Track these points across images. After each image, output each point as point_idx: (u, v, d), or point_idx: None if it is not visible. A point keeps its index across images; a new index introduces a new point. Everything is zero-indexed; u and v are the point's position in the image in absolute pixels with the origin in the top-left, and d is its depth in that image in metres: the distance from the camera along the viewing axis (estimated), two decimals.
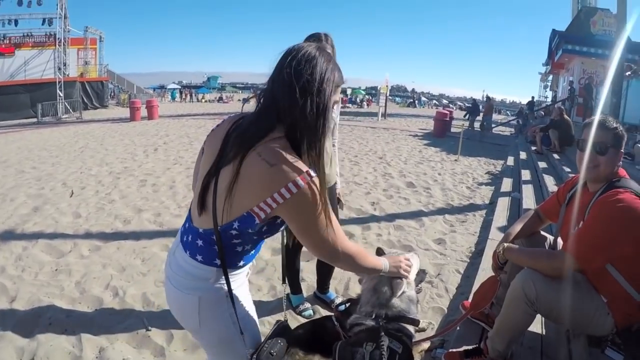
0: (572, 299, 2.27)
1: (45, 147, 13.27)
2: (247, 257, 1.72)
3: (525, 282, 2.34)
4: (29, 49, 29.52)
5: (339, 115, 3.54)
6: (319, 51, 1.55)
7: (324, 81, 1.50)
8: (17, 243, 5.17)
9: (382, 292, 2.26)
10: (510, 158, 12.12)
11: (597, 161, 2.35)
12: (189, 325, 1.76)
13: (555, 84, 33.19)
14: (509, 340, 2.54)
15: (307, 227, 1.54)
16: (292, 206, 1.47)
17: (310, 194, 1.46)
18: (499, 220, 5.92)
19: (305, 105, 1.46)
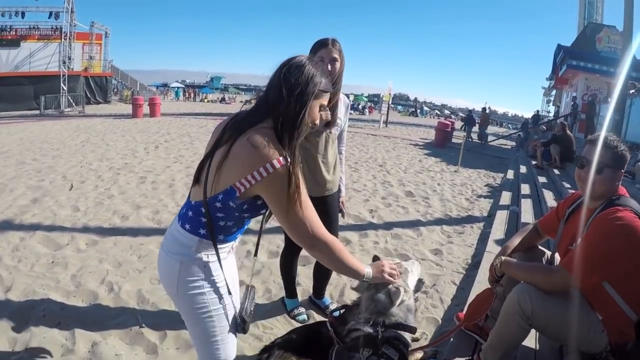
0: (568, 315, 2.27)
1: (46, 140, 13.27)
2: (229, 235, 1.90)
3: (522, 296, 2.34)
4: (34, 41, 29.59)
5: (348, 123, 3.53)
6: (309, 61, 1.82)
7: (308, 85, 1.75)
8: (14, 234, 5.17)
9: (380, 301, 2.26)
10: (510, 171, 12.13)
11: (593, 179, 2.36)
12: (169, 290, 1.94)
13: (559, 99, 33.29)
14: (502, 354, 2.53)
15: (281, 206, 1.74)
16: (268, 184, 1.70)
17: (284, 176, 1.69)
18: (496, 233, 5.91)
19: (289, 103, 1.73)
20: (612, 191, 2.37)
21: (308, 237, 1.82)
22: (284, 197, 1.72)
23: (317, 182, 3.23)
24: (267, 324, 3.57)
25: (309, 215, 1.80)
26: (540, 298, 2.30)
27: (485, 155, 16.56)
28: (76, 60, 30.58)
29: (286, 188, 1.70)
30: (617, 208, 2.24)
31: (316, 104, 1.82)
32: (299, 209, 1.75)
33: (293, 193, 1.71)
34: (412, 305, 2.36)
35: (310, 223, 1.81)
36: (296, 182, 1.71)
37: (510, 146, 22.54)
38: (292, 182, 1.70)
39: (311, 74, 1.77)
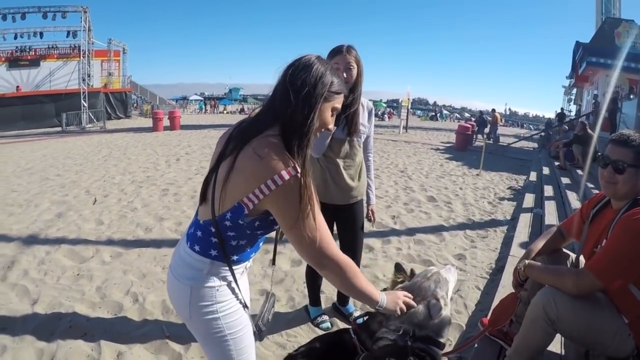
0: (594, 320, 2.23)
1: (69, 156, 13.49)
2: (242, 253, 1.78)
3: (547, 301, 2.30)
4: (54, 60, 30.16)
5: (374, 127, 3.49)
6: (318, 60, 1.69)
7: (316, 86, 1.62)
8: (40, 247, 5.25)
9: (416, 312, 2.24)
10: (533, 173, 11.99)
11: (615, 179, 2.31)
12: (182, 315, 1.82)
13: (580, 98, 32.85)
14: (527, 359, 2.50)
15: (289, 220, 1.60)
16: (276, 198, 1.57)
17: (293, 188, 1.55)
18: (520, 236, 5.83)
19: (296, 106, 1.60)
20: (637, 190, 2.32)
21: (318, 255, 1.68)
22: (293, 211, 1.59)
23: (341, 189, 3.21)
24: (290, 332, 3.56)
25: (321, 232, 1.65)
26: (566, 302, 2.26)
27: (507, 157, 16.40)
28: (95, 77, 31.06)
29: (297, 201, 1.57)
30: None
31: (327, 106, 1.71)
32: (309, 224, 1.61)
33: (305, 207, 1.58)
34: (448, 318, 2.33)
35: (321, 240, 1.65)
36: (308, 194, 1.59)
37: (532, 147, 22.31)
38: (304, 194, 1.57)
39: (320, 74, 1.64)
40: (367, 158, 3.47)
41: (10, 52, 29.48)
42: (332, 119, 1.78)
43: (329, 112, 1.73)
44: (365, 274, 4.58)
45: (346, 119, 3.09)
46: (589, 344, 2.43)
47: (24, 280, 4.35)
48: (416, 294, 2.29)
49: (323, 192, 3.20)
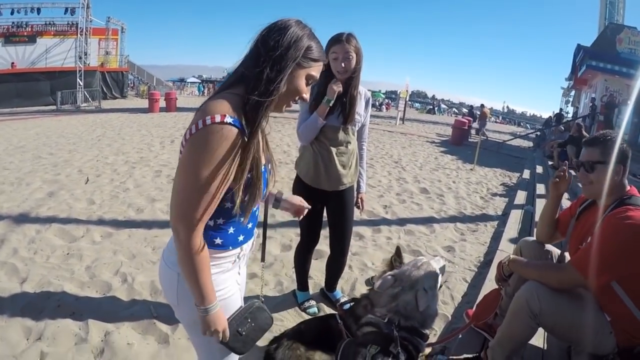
0: (576, 316, 2.27)
1: (63, 134, 13.44)
2: (224, 235, 1.67)
3: (530, 295, 2.33)
4: (50, 37, 29.83)
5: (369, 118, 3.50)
6: (296, 24, 1.56)
7: (289, 48, 1.50)
8: (30, 226, 5.24)
9: (403, 301, 2.26)
10: (527, 171, 12.02)
11: (589, 179, 2.41)
12: (170, 301, 1.76)
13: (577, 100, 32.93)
14: (510, 352, 2.53)
15: (182, 168, 1.46)
16: (190, 143, 1.44)
17: (213, 134, 1.40)
18: (510, 232, 5.88)
19: (265, 67, 1.48)
20: (619, 188, 2.36)
21: (176, 214, 1.47)
22: (192, 159, 1.43)
23: (329, 176, 3.21)
24: (277, 316, 3.58)
25: (203, 197, 1.43)
26: (549, 297, 2.29)
27: (502, 154, 16.42)
28: (92, 56, 30.78)
29: (204, 148, 1.40)
30: (628, 207, 2.24)
31: (301, 73, 1.57)
32: (195, 183, 1.42)
33: (209, 161, 1.40)
34: (434, 311, 2.37)
35: (192, 210, 1.44)
36: (225, 150, 1.40)
37: (527, 146, 22.37)
38: (220, 146, 1.39)
39: (295, 37, 1.52)
40: (360, 147, 3.46)
41: (6, 27, 29.13)
42: (308, 88, 1.65)
43: (303, 79, 1.60)
44: (355, 262, 4.64)
45: (342, 106, 3.08)
46: (570, 340, 2.47)
47: (13, 259, 4.35)
48: (405, 282, 2.32)
49: (313, 177, 3.22)
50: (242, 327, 1.72)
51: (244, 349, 1.74)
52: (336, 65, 2.93)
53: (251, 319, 1.76)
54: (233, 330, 1.68)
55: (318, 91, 3.06)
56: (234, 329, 1.68)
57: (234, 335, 1.68)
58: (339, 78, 2.99)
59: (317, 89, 3.06)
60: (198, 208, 1.44)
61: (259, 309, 1.82)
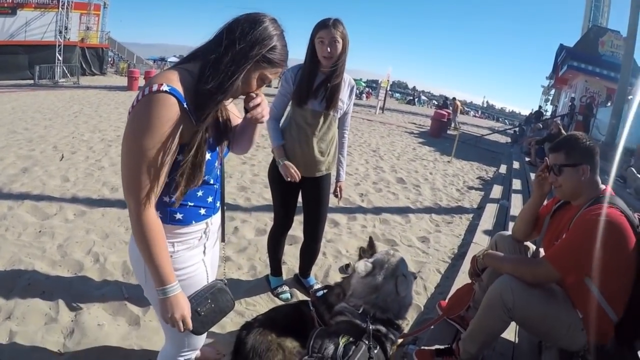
0: (549, 311, 2.30)
1: (39, 110, 13.17)
2: (185, 210, 1.68)
3: (504, 289, 2.35)
4: (31, 10, 29.12)
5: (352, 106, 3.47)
6: (270, 22, 1.55)
7: (255, 45, 1.49)
8: (2, 202, 5.15)
9: (383, 291, 2.27)
10: (503, 166, 12.16)
11: (558, 182, 2.47)
12: (138, 279, 1.76)
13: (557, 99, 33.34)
14: (481, 344, 2.56)
15: (124, 141, 1.45)
16: (132, 114, 1.45)
17: (150, 103, 1.40)
18: (484, 225, 5.95)
19: (223, 56, 1.47)
20: (593, 188, 2.42)
21: (125, 188, 1.48)
22: (135, 127, 1.42)
23: (307, 161, 3.21)
24: (250, 301, 3.59)
25: (146, 167, 1.42)
26: (523, 291, 2.32)
27: (480, 148, 16.57)
28: (73, 31, 30.18)
29: (144, 116, 1.39)
30: (601, 205, 2.27)
31: (256, 72, 1.56)
32: (141, 151, 1.40)
33: (149, 129, 1.39)
34: (410, 300, 2.39)
35: (138, 175, 1.44)
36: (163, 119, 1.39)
37: (505, 141, 22.59)
38: (158, 113, 1.39)
39: (264, 35, 1.50)
40: (342, 134, 3.46)
41: None
42: (257, 87, 1.64)
43: (256, 78, 1.59)
44: (329, 249, 4.65)
45: (326, 91, 3.07)
46: (542, 335, 2.51)
47: None
48: (385, 269, 2.33)
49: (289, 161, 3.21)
50: (202, 307, 1.71)
51: (201, 330, 1.73)
52: (322, 50, 2.92)
53: (212, 299, 1.75)
54: (193, 309, 1.66)
55: (302, 77, 3.07)
56: (194, 308, 1.67)
57: (193, 314, 1.66)
58: (323, 63, 2.98)
59: (301, 75, 3.07)
60: (143, 179, 1.44)
61: (221, 290, 1.81)
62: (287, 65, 1.69)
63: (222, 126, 1.73)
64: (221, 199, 1.87)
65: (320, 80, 3.07)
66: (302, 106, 3.09)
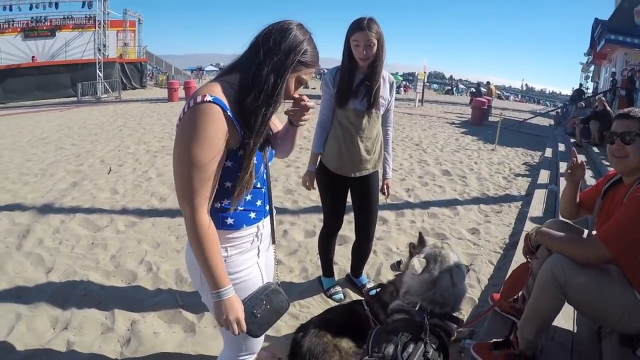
0: (603, 290, 2.21)
1: (84, 125, 13.54)
2: (236, 215, 1.71)
3: (555, 266, 2.29)
4: (69, 30, 30.03)
5: (394, 101, 3.44)
6: (297, 28, 1.61)
7: (290, 53, 1.56)
8: (55, 216, 5.30)
9: (441, 286, 2.23)
10: (549, 150, 11.84)
11: (625, 151, 2.30)
12: (195, 285, 1.81)
13: (597, 75, 32.33)
14: (537, 328, 2.47)
15: (175, 151, 1.52)
16: (179, 126, 1.52)
17: (196, 114, 1.47)
18: (534, 212, 5.79)
19: (262, 67, 1.54)
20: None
21: (180, 195, 1.54)
22: (185, 136, 1.48)
23: (354, 161, 3.20)
24: (303, 303, 3.58)
25: (198, 174, 1.48)
26: (574, 268, 2.24)
27: (523, 133, 16.20)
28: (111, 47, 30.94)
29: (193, 126, 1.46)
30: None
31: (292, 77, 1.62)
32: (191, 158, 1.46)
33: (198, 138, 1.45)
34: (464, 290, 2.34)
35: (191, 182, 1.49)
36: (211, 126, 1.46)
37: (548, 124, 22.06)
38: (204, 122, 1.46)
39: (296, 41, 1.58)
40: (386, 132, 3.42)
41: (26, 22, 29.40)
42: (295, 90, 1.70)
43: (293, 82, 1.65)
44: (379, 246, 4.60)
45: (366, 90, 3.05)
46: (598, 317, 2.41)
47: (38, 249, 4.40)
48: (439, 263, 2.29)
49: (336, 163, 3.22)
50: (258, 309, 1.73)
51: (259, 332, 1.75)
52: (358, 53, 2.91)
53: (266, 301, 1.76)
54: (249, 311, 1.69)
55: (341, 78, 3.06)
56: (250, 310, 1.70)
57: (249, 316, 1.69)
58: (360, 64, 2.98)
59: (341, 76, 3.07)
60: (196, 185, 1.49)
61: (275, 291, 1.82)
62: (320, 65, 1.71)
63: None
64: (269, 202, 1.86)
65: (359, 79, 3.06)
66: (344, 106, 3.09)
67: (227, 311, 1.61)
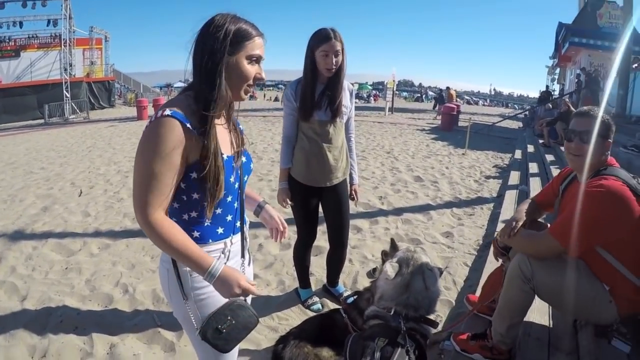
0: (570, 282, 2.28)
1: (53, 148, 13.35)
2: (202, 228, 1.69)
3: (522, 260, 2.39)
4: (34, 50, 29.60)
5: (354, 110, 3.51)
6: (218, 16, 1.60)
7: (218, 38, 1.55)
8: (27, 243, 5.22)
9: (414, 289, 2.25)
10: (518, 151, 12.07)
11: (582, 150, 2.38)
12: (166, 297, 1.80)
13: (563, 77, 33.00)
14: (509, 322, 2.54)
15: (135, 163, 1.54)
16: (140, 139, 1.54)
17: (154, 127, 1.49)
18: (506, 213, 5.89)
19: (202, 64, 1.56)
20: (601, 162, 2.39)
21: (134, 203, 1.54)
22: (143, 146, 1.51)
23: (324, 171, 3.24)
24: (282, 315, 3.59)
25: (152, 182, 1.49)
26: (540, 261, 2.34)
27: (493, 136, 16.48)
28: (78, 67, 30.56)
29: (150, 140, 1.49)
30: (603, 176, 2.27)
31: (239, 58, 1.59)
32: (148, 169, 1.48)
33: (154, 150, 1.47)
34: (438, 292, 2.36)
35: (144, 190, 1.50)
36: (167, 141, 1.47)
37: (517, 126, 22.43)
38: (162, 136, 1.47)
39: (218, 25, 1.56)
40: (349, 139, 3.49)
41: None
42: (255, 67, 1.66)
43: (244, 62, 1.61)
44: (354, 255, 4.65)
45: (330, 100, 3.11)
46: (570, 309, 2.47)
47: (11, 277, 4.33)
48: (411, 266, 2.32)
49: (306, 175, 3.26)
50: (222, 325, 1.66)
51: (227, 347, 1.69)
52: (327, 63, 2.95)
53: (232, 316, 1.69)
54: (213, 327, 1.64)
55: (304, 91, 3.10)
56: (214, 325, 1.65)
57: (214, 331, 1.64)
58: (325, 75, 3.03)
59: (303, 89, 3.11)
60: (149, 196, 1.50)
61: (240, 306, 1.74)
62: (261, 32, 1.67)
63: (234, 142, 1.76)
64: (240, 217, 1.86)
65: (320, 90, 3.11)
66: (309, 119, 3.12)
67: (230, 282, 1.58)
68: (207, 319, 1.65)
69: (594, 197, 2.19)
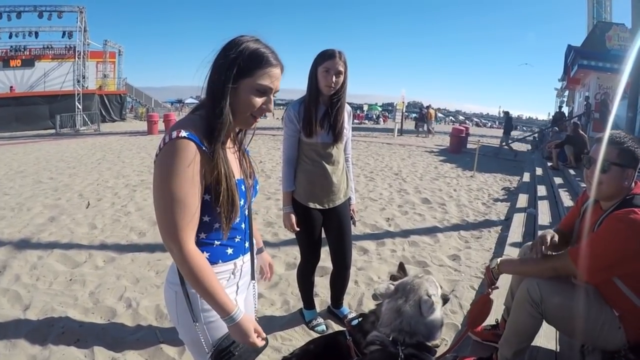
0: (580, 307, 2.25)
1: (62, 159, 13.45)
2: (212, 249, 1.67)
3: (530, 284, 2.36)
4: (48, 61, 30.02)
5: (351, 131, 3.50)
6: (237, 38, 1.58)
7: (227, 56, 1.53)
8: (32, 252, 5.22)
9: (407, 314, 2.20)
10: (527, 174, 12.01)
11: (600, 179, 2.31)
12: (173, 322, 1.77)
13: (572, 100, 33.03)
14: (516, 347, 2.51)
15: (155, 188, 1.48)
16: (156, 163, 1.49)
17: (171, 149, 1.45)
18: (514, 236, 5.85)
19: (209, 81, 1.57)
20: (625, 190, 2.30)
21: (164, 233, 1.50)
22: (163, 172, 1.45)
23: (328, 192, 3.27)
24: (285, 335, 3.55)
25: (179, 209, 1.46)
26: (549, 285, 2.31)
27: (501, 159, 16.45)
28: (90, 79, 30.95)
29: (169, 162, 1.44)
30: (632, 210, 2.17)
31: (246, 85, 1.55)
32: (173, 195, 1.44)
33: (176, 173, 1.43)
34: (439, 320, 2.29)
35: (177, 217, 1.46)
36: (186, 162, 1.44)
37: (525, 149, 22.39)
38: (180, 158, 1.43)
39: (236, 45, 1.54)
40: (346, 159, 3.50)
41: (5, 51, 29.35)
42: (262, 98, 1.60)
43: (250, 92, 1.57)
44: (360, 276, 4.60)
45: (330, 122, 3.13)
46: (578, 335, 2.43)
47: (15, 286, 4.32)
48: (407, 291, 2.28)
49: (309, 197, 3.26)
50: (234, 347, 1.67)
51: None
52: (327, 80, 2.95)
53: None
54: (226, 348, 1.65)
55: (307, 110, 3.11)
56: (227, 347, 1.65)
57: (227, 353, 1.65)
58: (325, 92, 3.04)
59: (306, 108, 3.11)
60: (179, 221, 1.46)
61: None
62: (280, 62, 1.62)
63: (242, 164, 1.77)
64: (249, 238, 1.85)
65: (322, 111, 3.12)
66: (311, 138, 3.13)
67: (246, 330, 1.57)
68: (219, 341, 1.65)
69: (622, 229, 2.13)
